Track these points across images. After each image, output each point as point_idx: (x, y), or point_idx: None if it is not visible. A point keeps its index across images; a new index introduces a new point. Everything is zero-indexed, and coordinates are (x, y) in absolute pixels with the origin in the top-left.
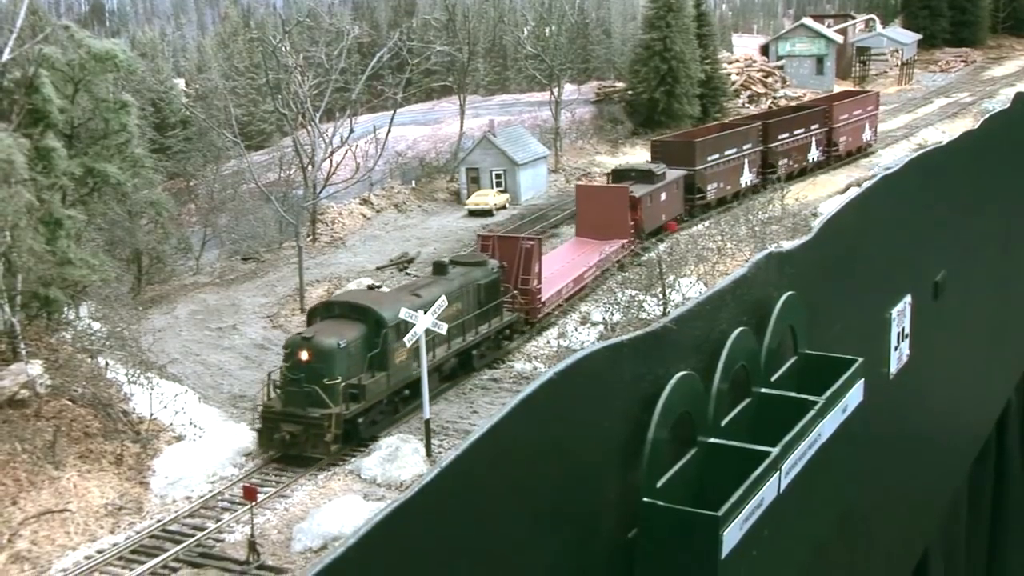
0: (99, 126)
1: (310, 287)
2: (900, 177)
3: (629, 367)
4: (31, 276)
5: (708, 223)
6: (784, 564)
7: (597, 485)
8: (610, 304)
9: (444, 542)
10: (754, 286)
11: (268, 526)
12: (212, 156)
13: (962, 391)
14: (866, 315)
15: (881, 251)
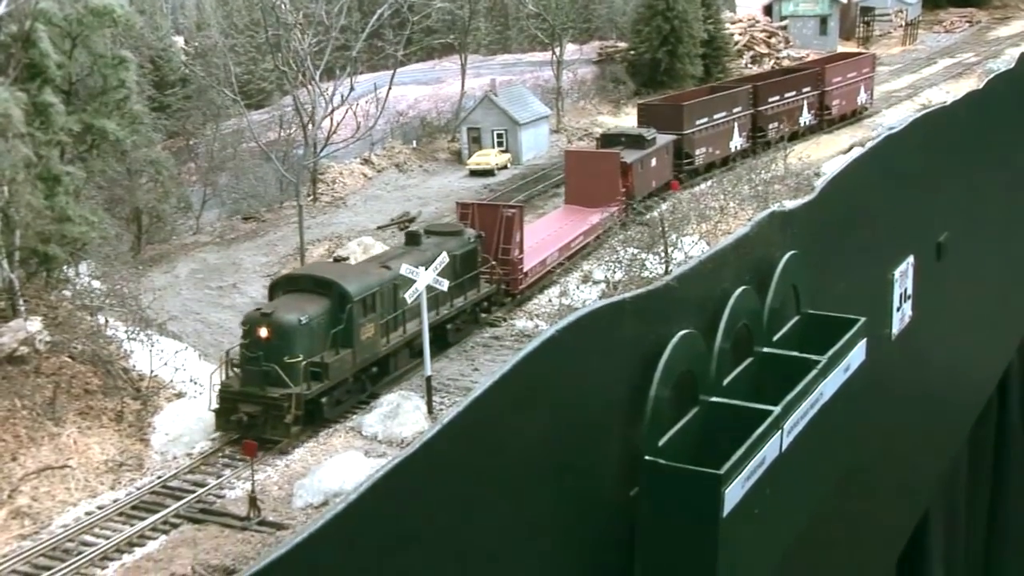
0: (97, 82)
1: (311, 246)
2: (904, 137)
3: (631, 325)
4: (29, 232)
5: (711, 182)
6: (785, 522)
7: (598, 443)
8: (612, 262)
9: (445, 499)
10: (757, 245)
11: (269, 482)
12: (212, 115)
13: (964, 353)
14: (868, 276)
15: (884, 211)
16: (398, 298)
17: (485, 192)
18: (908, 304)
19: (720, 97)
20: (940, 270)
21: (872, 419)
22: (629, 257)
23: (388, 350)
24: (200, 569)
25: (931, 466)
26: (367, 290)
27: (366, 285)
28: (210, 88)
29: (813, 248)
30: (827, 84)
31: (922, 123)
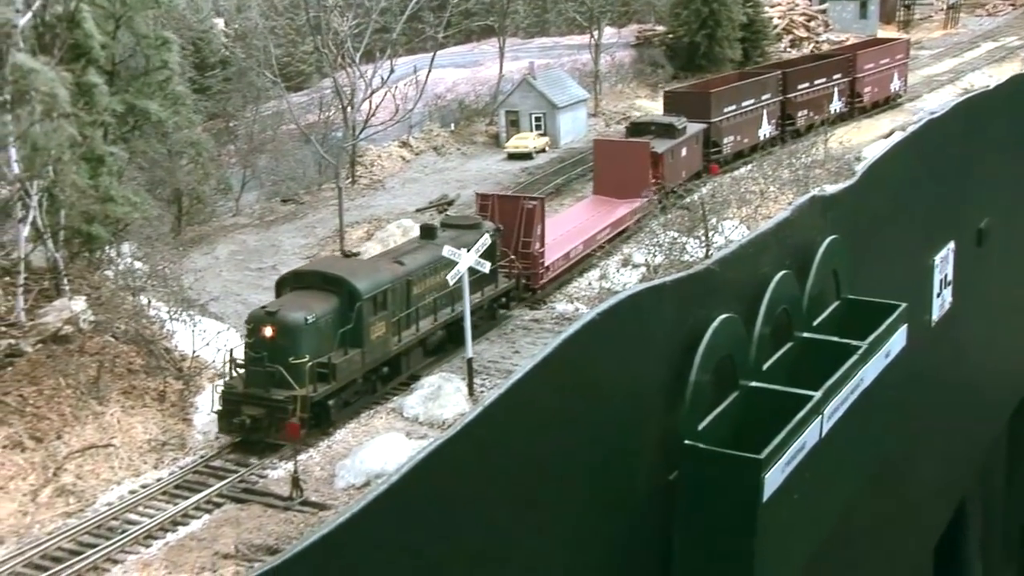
0: (140, 63)
1: (350, 228)
2: (945, 122)
3: (671, 309)
4: (74, 212)
5: (750, 166)
6: (824, 508)
7: (638, 427)
8: (652, 246)
9: (485, 480)
10: (797, 230)
11: (311, 463)
12: (252, 97)
13: (1004, 340)
14: (909, 261)
15: (925, 196)
16: (411, 295)
17: (523, 175)
18: (948, 290)
19: (749, 84)
20: (981, 256)
21: (911, 406)
22: (669, 241)
23: (400, 349)
24: (243, 548)
25: (969, 454)
26: (378, 287)
27: (377, 282)
28: (250, 70)
29: (854, 233)
30: (859, 71)
31: (964, 107)
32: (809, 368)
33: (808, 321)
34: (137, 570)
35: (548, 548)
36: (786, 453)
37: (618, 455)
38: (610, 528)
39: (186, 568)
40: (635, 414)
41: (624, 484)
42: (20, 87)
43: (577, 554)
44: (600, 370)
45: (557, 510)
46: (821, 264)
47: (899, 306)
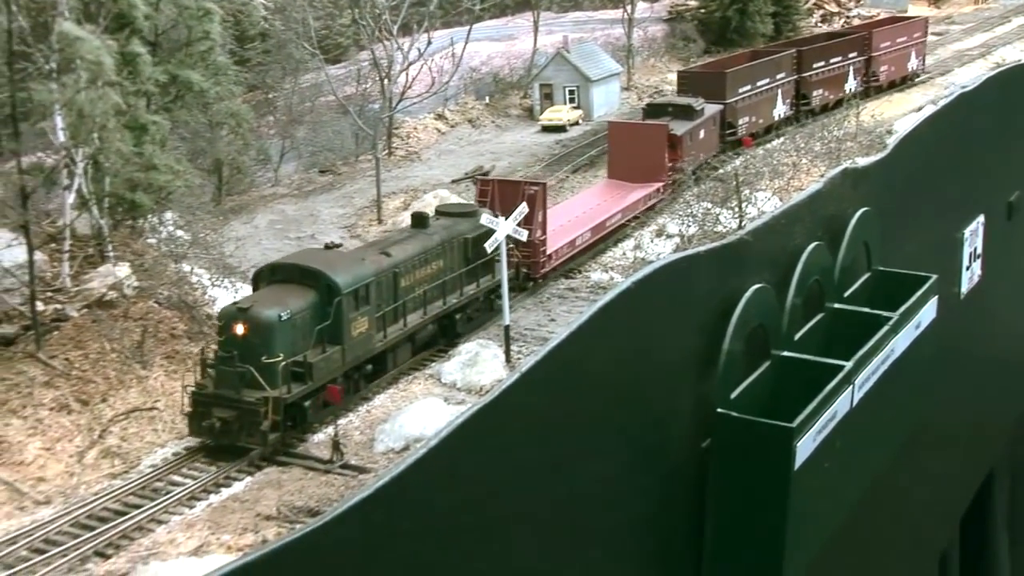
0: (182, 34)
1: (386, 199)
2: (977, 95)
3: (705, 278)
4: (118, 179)
5: (783, 139)
6: (854, 477)
7: (671, 395)
8: (686, 216)
9: (522, 446)
10: (829, 201)
11: (351, 427)
12: (291, 69)
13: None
14: (939, 234)
15: (955, 170)
16: (399, 288)
17: (557, 147)
18: (977, 263)
19: (763, 63)
20: (1011, 229)
21: (941, 377)
22: (703, 211)
23: (385, 345)
24: (285, 510)
25: (997, 425)
26: (359, 281)
27: (358, 276)
28: (289, 43)
29: (885, 205)
30: (875, 49)
31: (995, 82)
32: (840, 338)
33: (839, 292)
34: (181, 530)
35: (583, 513)
36: (817, 422)
37: (651, 422)
38: (643, 494)
39: (229, 529)
40: (668, 382)
41: (657, 451)
42: (66, 55)
43: (611, 519)
44: (634, 338)
45: (591, 476)
46: (852, 236)
47: (930, 278)
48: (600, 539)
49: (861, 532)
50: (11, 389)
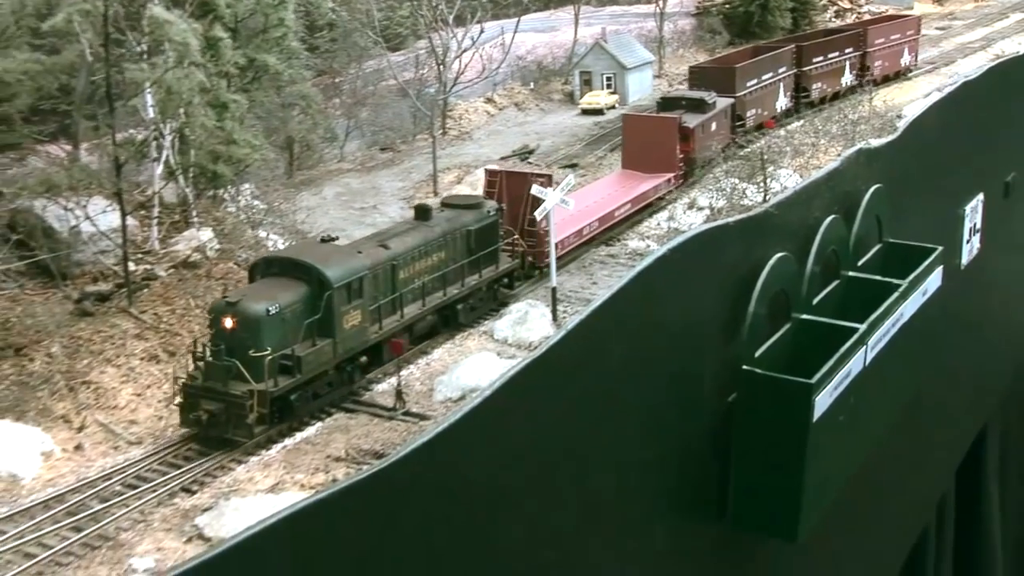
0: (259, 21)
1: (441, 174)
2: (978, 84)
3: (732, 247)
4: (202, 152)
5: (802, 121)
6: (866, 429)
7: (700, 353)
8: (715, 191)
9: (567, 395)
10: (845, 179)
11: (412, 378)
12: (355, 55)
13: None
14: (942, 210)
15: (958, 151)
16: (397, 280)
17: (595, 128)
18: (977, 237)
19: (768, 58)
20: (1007, 207)
21: (943, 339)
22: (731, 186)
23: (380, 337)
24: (352, 452)
25: (991, 384)
26: (352, 274)
27: (351, 269)
28: (354, 31)
29: (895, 183)
30: (869, 45)
31: (995, 72)
32: (854, 303)
33: (854, 261)
34: (259, 469)
35: (620, 459)
36: (834, 379)
37: (683, 378)
38: (675, 443)
39: (302, 468)
40: (698, 341)
41: (688, 405)
42: (156, 37)
43: (646, 464)
44: (669, 301)
45: (628, 425)
46: (866, 210)
47: (936, 249)
48: (636, 481)
49: (870, 480)
50: (106, 341)
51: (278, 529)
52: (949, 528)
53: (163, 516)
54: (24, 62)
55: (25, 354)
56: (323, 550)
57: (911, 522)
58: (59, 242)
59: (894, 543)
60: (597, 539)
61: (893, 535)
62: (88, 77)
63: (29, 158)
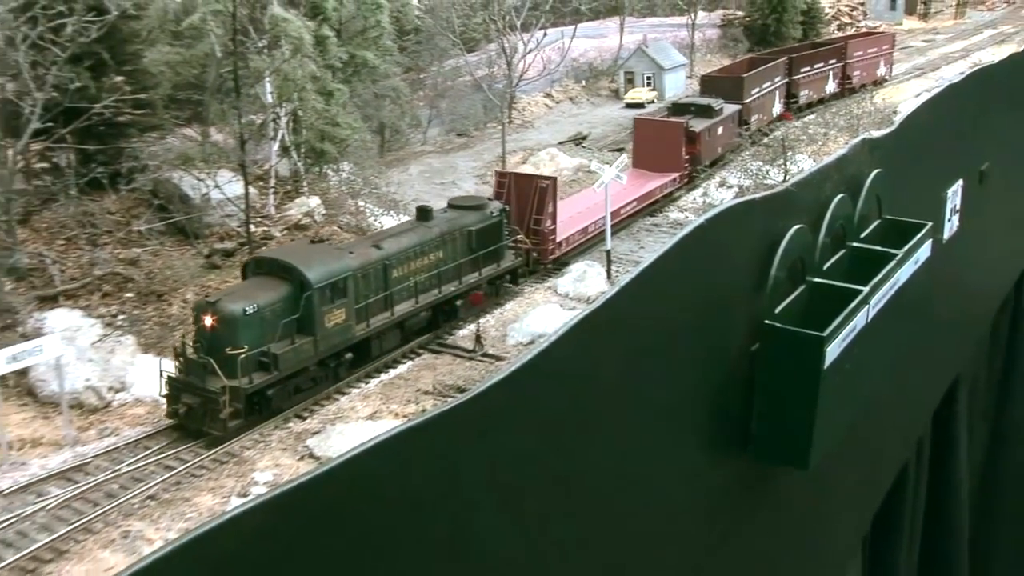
0: (360, 23)
1: (508, 155)
2: (960, 87)
3: (758, 219)
4: (312, 131)
5: (814, 115)
6: (866, 376)
7: (730, 309)
8: (743, 172)
9: (618, 342)
10: (851, 164)
11: (488, 326)
12: (437, 55)
13: (994, 255)
14: (929, 193)
15: (943, 143)
16: (390, 278)
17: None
18: (956, 217)
19: (768, 68)
20: (981, 192)
21: (929, 301)
22: (756, 168)
23: (367, 334)
24: (438, 386)
25: (965, 340)
26: (334, 275)
27: (333, 270)
28: (436, 35)
29: (892, 168)
30: (849, 57)
31: (974, 76)
32: (858, 270)
33: (857, 234)
34: (360, 400)
35: (660, 398)
36: (841, 333)
37: (715, 330)
38: (706, 386)
39: (396, 400)
40: (729, 299)
41: (718, 353)
42: (275, 32)
43: (682, 403)
44: (704, 264)
45: (667, 370)
46: (868, 191)
47: (926, 225)
48: (673, 418)
49: (864, 420)
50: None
51: (387, 445)
52: (925, 463)
53: (279, 438)
54: (166, 54)
55: (165, 299)
56: (412, 472)
57: (895, 457)
58: (192, 207)
59: (881, 474)
60: (637, 466)
61: (880, 467)
62: (218, 69)
63: (168, 138)
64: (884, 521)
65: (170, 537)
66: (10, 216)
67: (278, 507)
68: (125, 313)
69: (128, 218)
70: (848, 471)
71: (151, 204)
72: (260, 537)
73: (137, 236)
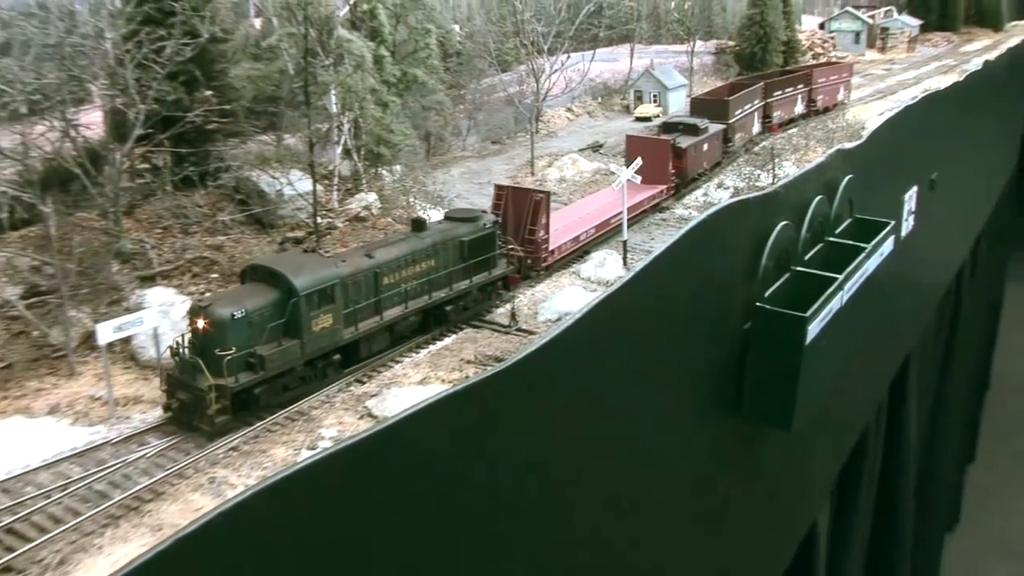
0: (411, 45)
1: (536, 160)
2: (915, 107)
3: (751, 216)
4: (370, 137)
5: (796, 128)
6: (839, 351)
7: (727, 293)
8: (737, 176)
9: (634, 320)
10: (828, 170)
11: (521, 304)
12: (475, 74)
13: (941, 249)
14: (890, 196)
15: (900, 155)
16: (380, 285)
17: (645, 131)
18: (912, 217)
19: (749, 92)
20: (931, 197)
21: (890, 288)
22: (748, 173)
23: (356, 337)
24: (479, 356)
25: (917, 321)
26: (321, 283)
27: (321, 278)
28: (475, 57)
29: (862, 175)
30: (814, 83)
31: (927, 99)
32: (834, 260)
33: (833, 230)
34: (411, 368)
35: (664, 369)
36: (820, 314)
37: (714, 310)
38: (706, 358)
39: (442, 368)
40: (725, 284)
41: (716, 330)
42: (340, 51)
43: (683, 374)
44: (705, 254)
45: (672, 345)
46: (842, 194)
47: (889, 223)
48: (675, 386)
49: (835, 387)
50: None
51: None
52: (883, 425)
53: (342, 399)
54: (248, 69)
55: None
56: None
57: (859, 420)
58: (268, 201)
59: (847, 434)
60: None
61: (847, 429)
62: (290, 83)
63: (248, 143)
64: (848, 474)
65: (249, 483)
66: (117, 208)
67: (352, 455)
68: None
69: (214, 210)
70: (820, 432)
71: (233, 199)
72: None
73: (221, 226)
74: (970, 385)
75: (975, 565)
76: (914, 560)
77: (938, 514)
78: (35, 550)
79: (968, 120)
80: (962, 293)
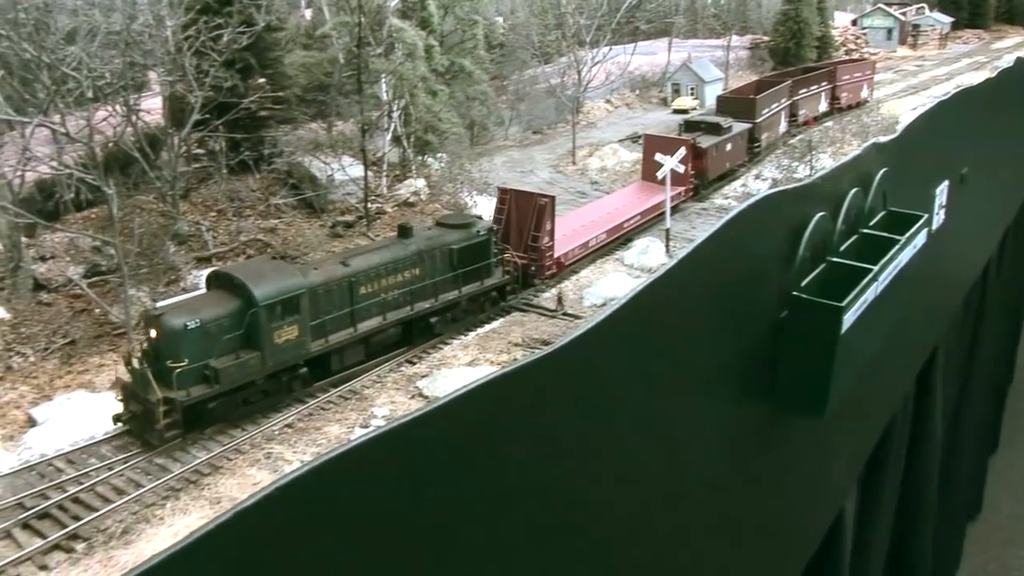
0: (458, 36)
1: (577, 150)
2: (948, 103)
3: (789, 207)
4: (420, 124)
5: (831, 122)
6: (871, 341)
7: (764, 282)
8: (776, 167)
9: (673, 307)
10: (863, 163)
11: (567, 290)
12: (517, 66)
13: (970, 242)
14: (923, 190)
15: (932, 151)
16: (355, 295)
17: (675, 128)
18: (942, 211)
19: (775, 90)
20: (961, 190)
21: (921, 280)
22: (786, 165)
23: (325, 350)
24: (526, 339)
25: (943, 313)
26: (284, 293)
27: (284, 288)
28: (518, 49)
29: (895, 168)
30: (838, 80)
31: (959, 95)
32: (869, 252)
33: (867, 222)
34: (460, 350)
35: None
36: (855, 304)
37: (751, 298)
38: (742, 346)
39: (491, 350)
40: (762, 273)
41: (753, 319)
42: (391, 40)
43: (720, 360)
44: (744, 244)
45: (710, 331)
46: (877, 187)
47: (924, 215)
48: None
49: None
50: None
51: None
52: (909, 414)
53: (394, 380)
54: (302, 57)
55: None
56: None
57: (886, 409)
58: (319, 186)
59: (875, 423)
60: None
61: (874, 417)
62: (341, 72)
63: (300, 129)
64: (875, 462)
65: (304, 459)
66: (175, 191)
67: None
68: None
69: (267, 194)
70: (849, 420)
71: (286, 183)
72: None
73: (274, 209)
74: (994, 377)
75: (996, 553)
76: (936, 547)
77: (960, 502)
78: (99, 519)
79: (999, 117)
80: (988, 287)
